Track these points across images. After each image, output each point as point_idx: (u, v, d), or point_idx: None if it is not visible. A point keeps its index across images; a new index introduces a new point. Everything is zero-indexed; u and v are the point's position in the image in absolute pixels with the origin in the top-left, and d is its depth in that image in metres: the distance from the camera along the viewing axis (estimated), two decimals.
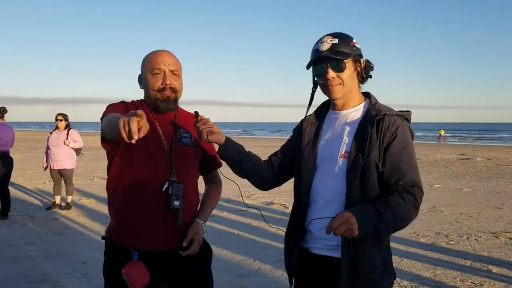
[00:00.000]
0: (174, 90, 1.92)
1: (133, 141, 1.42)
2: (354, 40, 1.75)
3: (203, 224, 1.98)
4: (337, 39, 1.72)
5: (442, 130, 42.00)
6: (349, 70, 1.73)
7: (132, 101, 2.01)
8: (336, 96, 1.76)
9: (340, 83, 1.74)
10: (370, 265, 1.65)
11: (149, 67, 1.92)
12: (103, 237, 1.99)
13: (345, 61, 1.71)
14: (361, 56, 1.77)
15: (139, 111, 1.44)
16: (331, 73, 1.72)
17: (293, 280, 1.87)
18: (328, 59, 1.71)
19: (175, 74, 1.93)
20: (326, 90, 1.77)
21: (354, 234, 1.50)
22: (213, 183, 2.19)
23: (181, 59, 2.00)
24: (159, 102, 1.91)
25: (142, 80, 1.97)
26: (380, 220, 1.55)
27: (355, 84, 1.77)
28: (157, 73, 1.90)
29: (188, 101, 2.11)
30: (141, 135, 1.44)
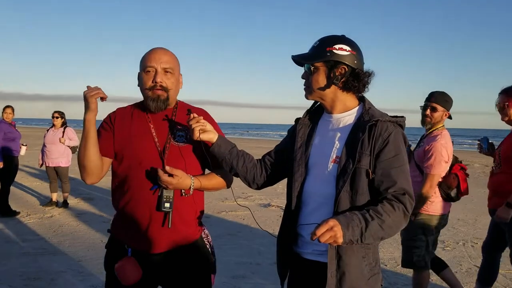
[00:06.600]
0: (165, 89, 1.88)
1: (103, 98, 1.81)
2: (336, 46, 1.68)
3: (192, 181, 1.86)
4: (318, 43, 1.74)
5: None
6: (318, 75, 1.72)
7: (108, 115, 1.99)
8: (306, 98, 1.81)
9: (307, 86, 1.77)
10: (357, 271, 1.64)
11: (142, 65, 1.90)
12: (108, 230, 2.02)
13: (316, 64, 1.72)
14: (340, 62, 1.68)
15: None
16: (302, 75, 1.79)
17: (284, 284, 1.87)
18: (296, 62, 1.77)
19: (167, 72, 1.89)
20: None
21: (339, 242, 1.48)
22: (220, 174, 2.01)
23: (188, 59, 1.99)
24: (149, 100, 1.89)
25: (138, 78, 1.95)
26: (366, 228, 1.53)
27: (332, 90, 1.73)
28: (149, 71, 1.88)
29: (190, 101, 2.10)
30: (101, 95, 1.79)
